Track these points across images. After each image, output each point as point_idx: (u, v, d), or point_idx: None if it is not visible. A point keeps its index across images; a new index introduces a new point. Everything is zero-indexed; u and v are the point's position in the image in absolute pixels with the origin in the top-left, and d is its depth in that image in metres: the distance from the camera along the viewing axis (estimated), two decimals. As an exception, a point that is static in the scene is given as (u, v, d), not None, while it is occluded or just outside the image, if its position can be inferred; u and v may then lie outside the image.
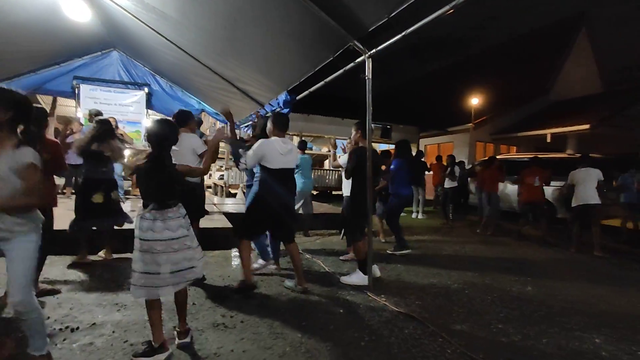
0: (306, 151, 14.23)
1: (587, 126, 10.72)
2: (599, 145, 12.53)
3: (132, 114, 7.53)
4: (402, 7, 2.58)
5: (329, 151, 14.85)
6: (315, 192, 12.37)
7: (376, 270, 3.61)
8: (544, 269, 4.42)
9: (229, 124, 3.92)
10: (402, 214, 5.36)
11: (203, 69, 5.49)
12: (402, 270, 4.05)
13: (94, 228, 3.71)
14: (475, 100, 13.01)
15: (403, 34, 2.81)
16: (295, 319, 2.62)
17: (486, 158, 8.29)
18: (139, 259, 1.99)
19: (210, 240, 4.44)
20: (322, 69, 4.06)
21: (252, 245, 3.80)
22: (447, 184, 8.37)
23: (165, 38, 4.95)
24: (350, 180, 3.78)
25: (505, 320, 2.74)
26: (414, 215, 8.61)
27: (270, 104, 5.56)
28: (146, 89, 7.48)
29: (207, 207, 4.12)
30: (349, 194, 4.02)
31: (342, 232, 5.51)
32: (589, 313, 2.96)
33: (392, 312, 2.81)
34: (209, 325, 2.46)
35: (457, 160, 9.77)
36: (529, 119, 13.73)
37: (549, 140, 11.96)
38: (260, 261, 3.89)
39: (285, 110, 5.28)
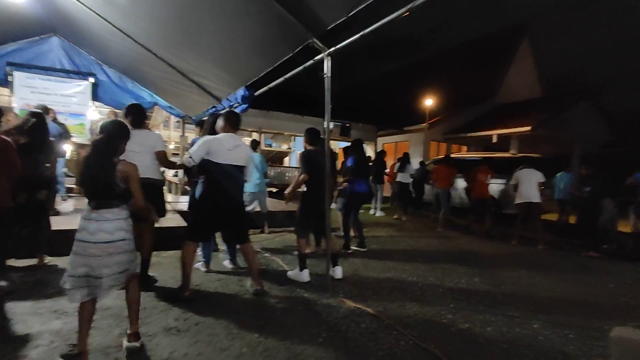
0: (265, 148, 14.02)
1: (528, 128, 11.56)
2: (539, 145, 13.62)
3: (76, 106, 6.95)
4: (362, 7, 2.61)
5: (289, 148, 14.77)
6: (275, 190, 12.26)
7: (338, 272, 3.63)
8: (490, 261, 4.71)
9: None
10: (361, 211, 5.44)
11: (156, 60, 5.20)
12: (360, 266, 4.13)
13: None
14: (429, 101, 13.55)
15: (361, 33, 2.84)
16: (253, 318, 2.58)
17: (441, 157, 8.68)
18: (72, 260, 1.89)
19: (164, 240, 4.24)
20: (282, 65, 4.00)
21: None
22: (400, 178, 8.65)
23: (113, 25, 4.62)
24: None
25: (455, 311, 2.88)
26: (372, 212, 8.82)
27: (228, 99, 5.41)
28: (92, 79, 6.93)
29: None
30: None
31: None
32: (528, 301, 3.20)
33: (349, 308, 2.86)
34: (160, 330, 2.34)
35: (413, 159, 10.14)
36: (478, 120, 14.56)
37: (495, 140, 12.77)
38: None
39: (244, 106, 5.17)
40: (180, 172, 10.16)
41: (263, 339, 2.27)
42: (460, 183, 8.15)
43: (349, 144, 5.60)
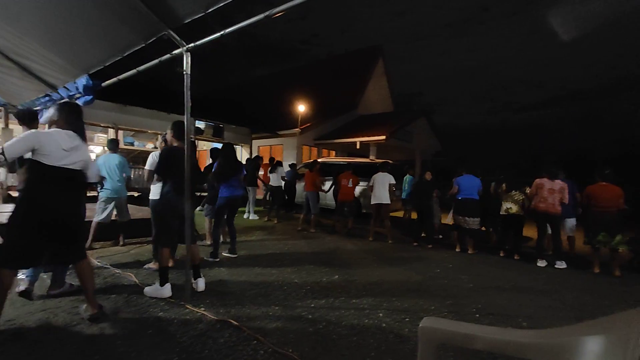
0: (125, 146, 12.26)
1: (383, 137, 13.20)
2: (391, 153, 15.72)
3: None
4: (220, 5, 2.46)
5: (155, 147, 13.37)
6: (136, 194, 10.81)
7: (200, 284, 3.37)
8: (349, 258, 5.13)
9: None
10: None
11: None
12: (225, 275, 3.93)
13: None
14: (301, 108, 14.14)
15: (221, 33, 2.70)
16: (86, 354, 2.13)
17: (310, 161, 9.11)
18: None
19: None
20: (140, 57, 3.54)
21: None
22: (273, 182, 8.75)
23: None
24: (159, 184, 3.49)
25: (314, 311, 2.99)
26: (245, 216, 8.62)
27: (66, 87, 4.47)
28: None
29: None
30: (155, 197, 3.77)
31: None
32: (376, 292, 3.57)
33: (209, 322, 2.66)
34: None
35: (284, 162, 10.36)
36: (344, 128, 15.93)
37: (358, 147, 14.17)
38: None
39: (88, 97, 4.36)
40: (2, 172, 8.01)
41: (96, 377, 1.89)
42: (328, 186, 8.72)
43: (220, 145, 5.34)
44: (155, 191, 3.96)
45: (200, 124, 11.44)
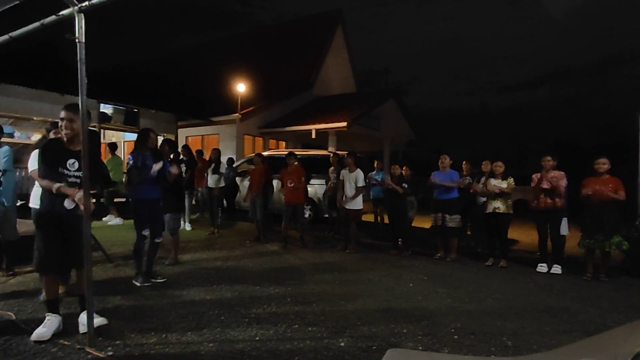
0: (6, 139, 11.36)
1: (344, 124, 13.33)
2: (354, 143, 15.95)
3: None
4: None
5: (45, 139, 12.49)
6: (18, 202, 10.01)
7: (101, 318, 3.17)
8: (306, 274, 5.13)
9: None
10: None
11: None
12: (143, 305, 3.75)
13: None
14: (242, 88, 13.81)
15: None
16: None
17: (253, 155, 8.97)
18: None
19: None
20: (15, 19, 3.25)
21: None
22: (212, 183, 8.47)
23: None
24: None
25: (260, 345, 2.92)
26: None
27: None
28: None
29: None
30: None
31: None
32: (337, 316, 3.59)
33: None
34: None
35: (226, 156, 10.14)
36: (296, 113, 15.88)
37: (313, 136, 14.18)
38: None
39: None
40: None
41: None
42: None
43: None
44: (37, 197, 3.66)
45: (107, 109, 10.81)
